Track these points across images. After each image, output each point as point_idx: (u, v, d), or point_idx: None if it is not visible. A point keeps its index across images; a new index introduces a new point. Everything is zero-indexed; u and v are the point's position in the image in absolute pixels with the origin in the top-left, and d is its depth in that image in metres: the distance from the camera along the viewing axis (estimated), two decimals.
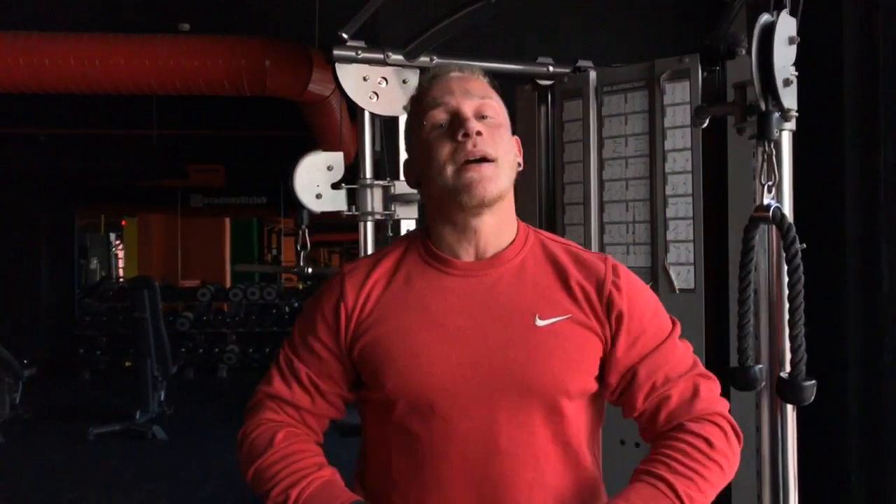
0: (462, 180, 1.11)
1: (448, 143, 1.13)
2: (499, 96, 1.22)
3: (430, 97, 1.18)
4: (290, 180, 2.00)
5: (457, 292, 1.15)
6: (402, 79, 2.06)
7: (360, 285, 1.18)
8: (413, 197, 2.06)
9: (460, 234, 1.16)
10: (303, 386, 1.18)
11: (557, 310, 1.13)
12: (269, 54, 3.46)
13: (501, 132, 1.16)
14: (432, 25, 1.93)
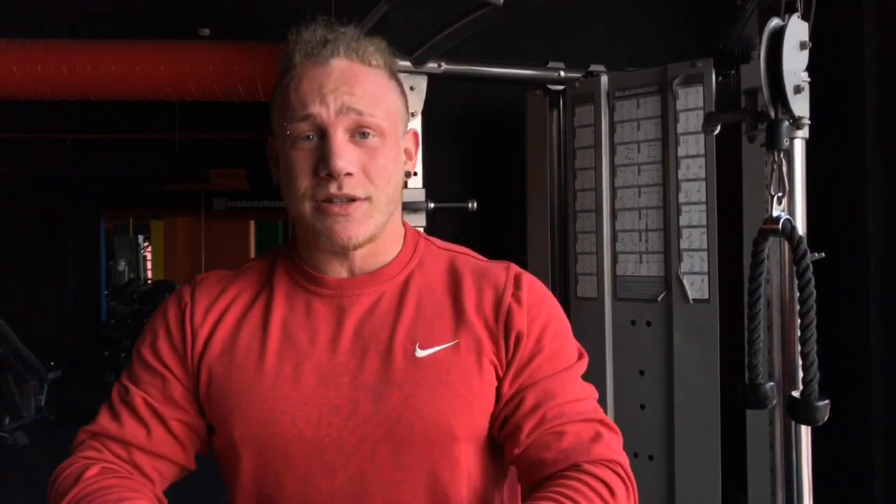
0: (323, 223, 0.90)
1: (308, 174, 0.90)
2: (396, 83, 0.98)
3: (297, 93, 0.91)
4: None
5: (326, 317, 0.94)
6: (410, 85, 2.03)
7: (214, 299, 0.98)
8: (420, 205, 2.03)
9: (330, 257, 0.96)
10: (137, 416, 0.95)
11: (443, 335, 0.92)
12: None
13: (382, 158, 0.92)
14: (440, 31, 1.90)
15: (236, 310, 0.97)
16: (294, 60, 0.93)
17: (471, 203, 2.03)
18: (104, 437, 0.96)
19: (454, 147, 2.36)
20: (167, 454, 0.96)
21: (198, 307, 0.97)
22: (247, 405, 0.91)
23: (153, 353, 0.97)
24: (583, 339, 2.13)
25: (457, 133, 2.37)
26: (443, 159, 2.26)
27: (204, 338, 0.96)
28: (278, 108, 0.94)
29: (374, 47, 0.95)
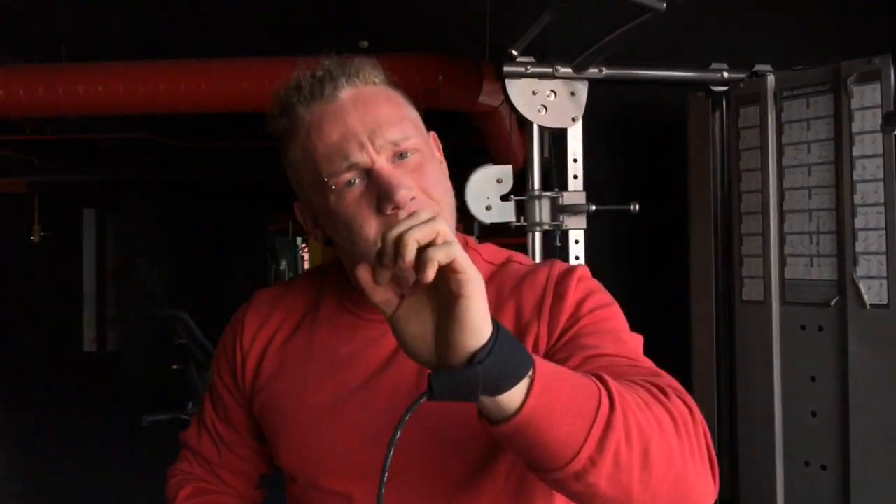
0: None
1: (372, 217, 0.83)
2: (401, 92, 0.92)
3: (323, 145, 0.85)
4: (462, 193, 2.08)
5: (368, 340, 0.90)
6: (571, 91, 2.08)
7: (262, 323, 0.97)
8: (581, 208, 2.08)
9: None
10: (210, 436, 1.02)
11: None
12: (441, 70, 3.60)
13: (429, 170, 0.87)
14: (600, 37, 1.93)
15: (283, 334, 0.96)
16: (297, 113, 0.88)
17: (633, 205, 2.05)
18: (190, 450, 1.04)
19: (613, 150, 2.38)
20: (237, 469, 1.02)
21: (247, 332, 0.97)
22: (291, 434, 0.91)
23: (218, 376, 1.01)
24: (747, 343, 2.11)
25: (615, 136, 2.39)
26: (602, 162, 2.29)
27: (253, 364, 0.96)
28: (305, 168, 0.87)
29: (370, 65, 0.90)
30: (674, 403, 0.70)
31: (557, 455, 0.63)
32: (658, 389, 0.71)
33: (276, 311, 0.97)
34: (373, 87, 0.88)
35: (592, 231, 2.13)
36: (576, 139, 2.12)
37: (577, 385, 0.64)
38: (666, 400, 0.70)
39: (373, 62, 0.91)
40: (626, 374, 0.74)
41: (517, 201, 2.10)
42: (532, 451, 0.64)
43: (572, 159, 2.12)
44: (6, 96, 4.12)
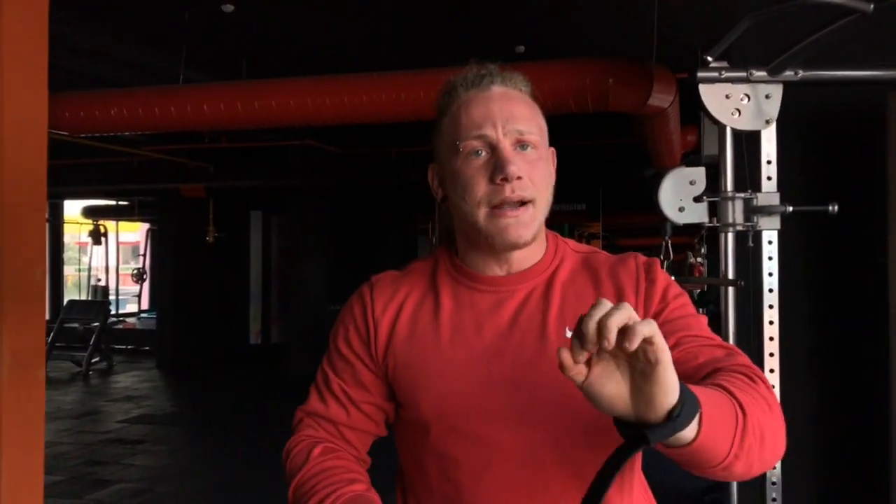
0: (496, 225, 1.04)
1: (484, 182, 1.03)
2: (539, 107, 1.11)
3: (468, 117, 1.06)
4: (654, 195, 2.16)
5: (488, 309, 1.09)
6: (766, 94, 2.11)
7: (389, 298, 1.14)
8: (776, 209, 2.10)
9: (487, 256, 1.11)
10: (337, 399, 1.15)
11: None
12: (612, 73, 3.67)
13: (540, 167, 1.06)
14: (798, 40, 1.95)
15: (409, 306, 1.13)
16: (458, 91, 1.10)
17: (832, 206, 2.06)
18: (316, 416, 1.16)
19: (806, 151, 2.37)
20: (363, 428, 1.16)
21: (377, 304, 1.14)
22: (430, 385, 1.06)
23: (346, 345, 1.15)
24: None
25: (808, 137, 2.38)
26: (795, 163, 2.29)
27: (385, 331, 1.12)
28: (447, 134, 1.08)
29: (520, 76, 1.11)
30: (760, 387, 0.92)
31: (714, 460, 0.84)
32: (748, 378, 0.92)
33: (400, 290, 1.15)
34: (518, 92, 1.09)
35: (784, 231, 2.15)
36: (769, 141, 2.14)
37: (723, 407, 0.84)
38: (757, 387, 0.91)
39: (523, 77, 1.12)
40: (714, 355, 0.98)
41: (710, 202, 2.15)
42: (695, 461, 0.84)
43: (766, 161, 2.14)
44: (193, 112, 4.55)
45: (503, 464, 1.04)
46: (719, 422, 0.82)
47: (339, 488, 1.05)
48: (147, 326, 12.97)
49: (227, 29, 5.56)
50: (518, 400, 1.03)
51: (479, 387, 1.05)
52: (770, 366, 2.13)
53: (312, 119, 4.33)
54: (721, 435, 0.83)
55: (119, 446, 6.06)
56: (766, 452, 0.88)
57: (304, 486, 1.08)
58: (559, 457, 1.04)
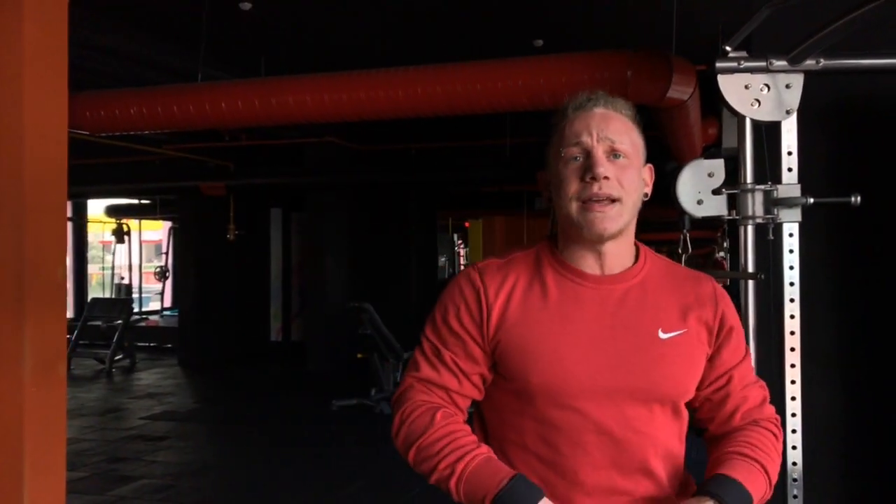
0: (585, 217, 1.25)
1: (576, 181, 1.25)
2: (639, 128, 1.33)
3: (571, 130, 1.28)
4: (672, 187, 2.13)
5: (590, 302, 1.28)
6: (786, 83, 2.07)
7: (500, 283, 1.31)
8: (797, 201, 2.06)
9: (586, 253, 1.30)
10: (449, 370, 1.30)
11: (677, 325, 1.29)
12: (630, 65, 3.63)
13: (629, 173, 1.27)
14: (821, 27, 1.91)
15: (519, 291, 1.30)
16: (567, 112, 1.32)
17: (854, 197, 2.01)
18: (428, 382, 1.31)
19: (828, 141, 2.33)
20: (470, 395, 1.33)
21: (490, 289, 1.31)
22: (542, 362, 1.25)
23: (458, 322, 1.31)
24: None
25: (830, 127, 2.33)
26: (816, 154, 2.25)
27: (498, 312, 1.29)
28: (555, 144, 1.31)
29: (623, 101, 1.33)
30: (779, 445, 1.34)
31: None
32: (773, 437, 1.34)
33: (509, 276, 1.32)
34: (618, 113, 1.31)
35: (804, 222, 2.11)
36: (790, 132, 2.10)
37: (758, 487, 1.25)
38: (777, 444, 1.34)
39: (627, 102, 1.34)
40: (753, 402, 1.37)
41: (729, 195, 2.12)
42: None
43: (786, 152, 2.11)
44: (211, 110, 4.57)
45: (599, 435, 1.24)
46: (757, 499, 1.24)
47: (470, 450, 1.22)
48: (170, 324, 13.09)
49: (245, 27, 5.60)
50: (615, 383, 1.25)
51: (583, 368, 1.24)
52: (791, 360, 2.10)
53: (330, 115, 4.34)
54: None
55: (142, 443, 6.12)
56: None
57: (432, 447, 1.24)
58: (648, 434, 1.27)
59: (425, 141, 8.80)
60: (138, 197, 13.18)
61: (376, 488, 4.87)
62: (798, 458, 2.10)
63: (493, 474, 1.19)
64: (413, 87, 4.03)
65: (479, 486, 1.19)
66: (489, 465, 1.22)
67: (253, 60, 6.06)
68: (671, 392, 1.28)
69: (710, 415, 1.37)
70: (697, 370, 1.31)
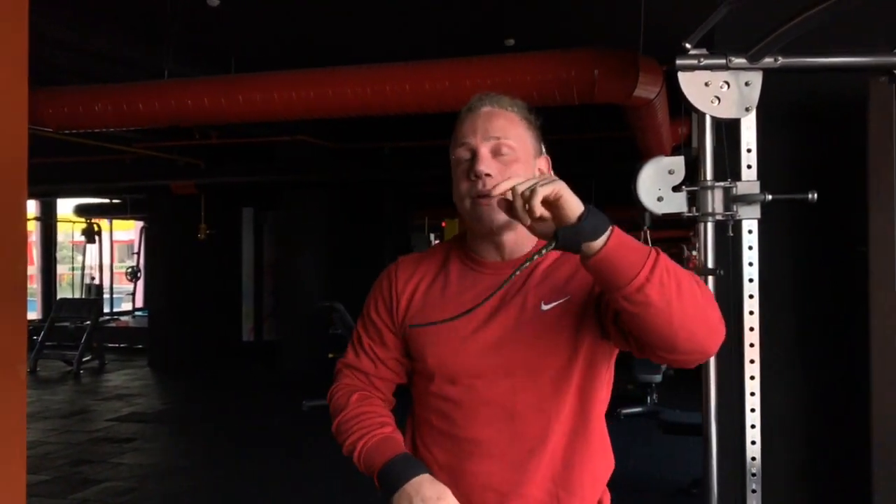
0: (475, 212, 1.34)
1: (466, 181, 1.35)
2: (528, 123, 1.39)
3: (460, 132, 1.37)
4: (633, 185, 2.13)
5: (486, 288, 1.35)
6: (745, 81, 2.09)
7: (410, 275, 1.44)
8: (756, 198, 2.08)
9: (487, 243, 1.40)
10: (367, 355, 1.45)
11: (559, 295, 1.34)
12: (598, 64, 3.64)
13: (515, 167, 1.34)
14: (778, 26, 1.93)
15: (425, 282, 1.43)
16: (461, 115, 1.40)
17: (811, 194, 2.03)
18: (351, 367, 1.47)
19: (787, 139, 2.35)
20: (387, 377, 1.46)
21: (400, 280, 1.44)
22: (438, 344, 1.37)
23: (375, 312, 1.46)
24: None
25: (789, 124, 2.36)
26: (777, 151, 2.27)
27: (405, 301, 1.42)
28: (451, 146, 1.39)
29: (510, 98, 1.40)
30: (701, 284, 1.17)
31: (626, 275, 1.09)
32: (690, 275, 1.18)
33: (419, 268, 1.45)
34: (503, 110, 1.37)
35: (764, 220, 2.13)
36: (749, 129, 2.12)
37: (636, 243, 1.11)
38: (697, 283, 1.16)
39: (515, 100, 1.40)
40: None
41: (689, 192, 2.13)
42: (611, 275, 1.10)
43: (746, 149, 2.12)
44: (177, 107, 4.52)
45: (489, 406, 1.33)
46: (629, 245, 1.10)
47: (371, 430, 1.36)
48: (141, 324, 12.92)
49: (214, 24, 5.53)
50: (501, 359, 1.33)
51: (472, 347, 1.35)
52: (751, 356, 2.11)
53: (298, 112, 4.30)
54: (630, 256, 1.10)
55: (107, 445, 6.03)
56: (687, 302, 1.11)
57: (345, 425, 1.39)
58: (532, 402, 1.33)
59: (400, 139, 8.77)
60: (109, 196, 13.01)
61: (348, 488, 4.84)
62: (757, 453, 2.11)
63: (383, 452, 1.33)
64: (382, 84, 4.01)
65: (371, 462, 1.33)
66: (384, 444, 1.36)
67: (222, 58, 5.99)
68: (554, 359, 1.33)
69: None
70: (584, 331, 1.33)
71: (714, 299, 1.19)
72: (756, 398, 2.10)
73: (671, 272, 1.10)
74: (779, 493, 2.29)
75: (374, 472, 1.33)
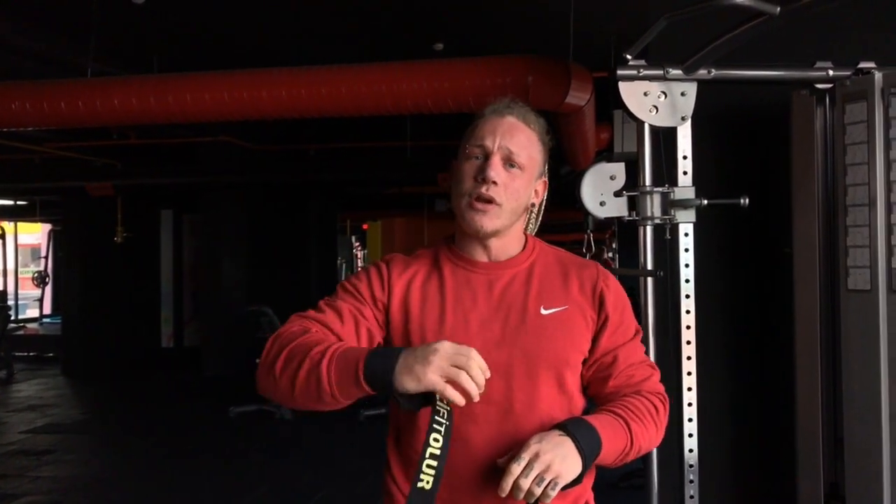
0: (469, 211, 1.38)
1: (471, 179, 1.38)
2: (542, 146, 1.45)
3: (480, 130, 1.41)
4: (577, 189, 2.21)
5: (480, 286, 1.41)
6: (681, 91, 2.20)
7: (402, 270, 1.45)
8: (692, 202, 2.19)
9: (475, 244, 1.44)
10: (337, 312, 1.36)
11: (558, 302, 1.41)
12: (531, 71, 3.73)
13: (518, 183, 1.40)
14: (711, 40, 2.04)
15: (419, 279, 1.44)
16: (486, 112, 1.44)
17: (743, 199, 2.16)
18: (310, 319, 1.36)
19: (719, 147, 2.48)
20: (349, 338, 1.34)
21: (393, 273, 1.44)
22: (437, 339, 1.24)
23: (358, 286, 1.42)
24: (852, 330, 2.19)
25: (721, 133, 2.48)
26: (709, 159, 2.39)
27: (399, 293, 1.42)
28: (466, 138, 1.42)
29: (535, 116, 1.45)
30: (658, 417, 1.41)
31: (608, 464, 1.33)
32: (653, 407, 1.40)
33: (411, 267, 1.46)
34: (526, 127, 1.43)
35: (700, 225, 2.24)
36: (685, 137, 2.23)
37: (617, 439, 1.31)
38: (656, 416, 1.40)
39: (540, 118, 1.46)
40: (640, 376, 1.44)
41: (629, 196, 2.22)
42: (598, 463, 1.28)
43: (682, 156, 2.23)
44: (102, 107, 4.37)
45: (486, 405, 1.30)
46: (615, 444, 1.30)
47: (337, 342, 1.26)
48: (51, 332, 12.36)
49: (138, 21, 5.37)
50: (502, 357, 1.35)
51: (474, 344, 1.26)
52: (687, 353, 2.22)
53: (230, 114, 4.23)
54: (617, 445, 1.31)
55: (23, 458, 5.77)
56: (650, 445, 1.39)
57: (303, 346, 1.24)
58: (529, 403, 1.36)
59: (325, 141, 8.71)
60: (15, 198, 12.39)
61: (278, 495, 4.78)
62: (694, 446, 2.22)
63: (363, 348, 1.29)
64: (318, 86, 3.98)
65: (350, 357, 1.19)
66: (354, 349, 1.25)
67: (146, 57, 5.83)
68: (552, 360, 1.38)
69: (596, 392, 1.45)
70: (579, 341, 1.41)
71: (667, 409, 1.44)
72: (693, 392, 2.21)
73: (637, 447, 1.34)
74: (714, 483, 2.41)
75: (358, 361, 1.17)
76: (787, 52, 2.32)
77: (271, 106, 4.09)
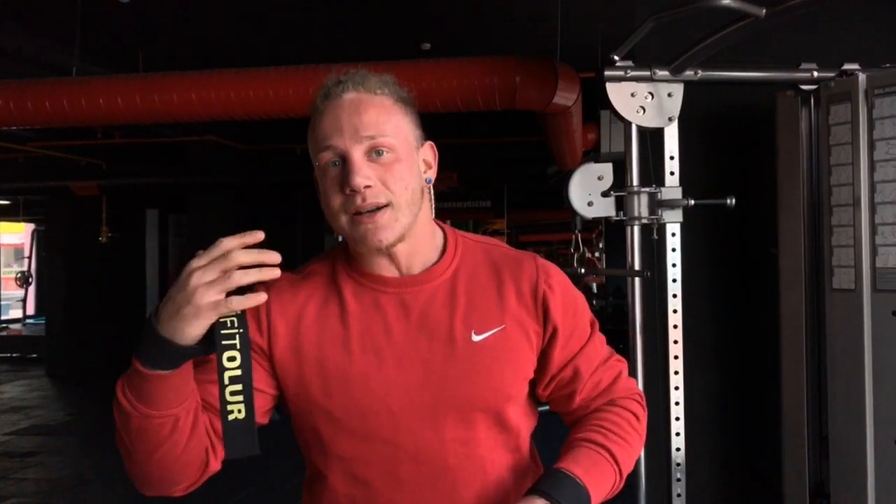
0: (357, 231, 1.07)
1: (339, 194, 1.07)
2: (404, 106, 1.13)
3: (321, 129, 1.08)
4: (565, 189, 2.22)
5: (393, 311, 1.11)
6: (668, 92, 2.21)
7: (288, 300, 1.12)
8: (679, 203, 2.20)
9: (378, 257, 1.13)
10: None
11: (492, 322, 1.12)
12: (519, 71, 3.73)
13: (396, 168, 1.08)
14: (697, 42, 2.06)
15: (311, 309, 1.12)
16: (317, 103, 1.11)
17: (729, 199, 2.17)
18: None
19: (706, 147, 2.49)
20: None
21: (273, 308, 1.10)
22: (344, 387, 1.07)
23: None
24: (837, 329, 2.21)
25: (708, 134, 2.50)
26: (696, 159, 2.41)
27: (282, 333, 1.10)
28: (310, 145, 1.11)
29: (379, 79, 1.11)
30: (640, 425, 1.21)
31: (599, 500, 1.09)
32: (633, 416, 1.20)
33: (300, 294, 1.13)
34: (372, 96, 1.09)
35: (686, 224, 2.26)
36: (672, 138, 2.24)
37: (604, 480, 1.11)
38: (637, 425, 1.20)
39: (385, 79, 1.12)
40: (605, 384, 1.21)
41: (617, 197, 2.24)
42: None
43: (669, 157, 2.25)
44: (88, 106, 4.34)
45: (418, 464, 1.08)
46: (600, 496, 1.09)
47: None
48: (35, 333, 12.25)
49: (124, 20, 5.34)
50: (427, 401, 1.08)
51: (390, 390, 1.08)
52: (675, 352, 2.23)
53: (217, 114, 4.21)
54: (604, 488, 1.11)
55: (7, 460, 5.71)
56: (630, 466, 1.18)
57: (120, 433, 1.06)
58: (466, 454, 1.10)
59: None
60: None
61: (263, 495, 4.77)
62: (681, 444, 2.24)
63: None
64: (305, 86, 3.97)
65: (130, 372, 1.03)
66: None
67: (131, 56, 5.79)
68: (491, 401, 1.11)
69: (563, 409, 1.23)
70: (523, 367, 1.15)
71: (645, 407, 1.25)
72: (680, 392, 2.23)
73: (624, 473, 1.15)
74: (701, 482, 2.43)
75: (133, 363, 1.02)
76: (773, 54, 2.35)
77: (258, 105, 4.08)
